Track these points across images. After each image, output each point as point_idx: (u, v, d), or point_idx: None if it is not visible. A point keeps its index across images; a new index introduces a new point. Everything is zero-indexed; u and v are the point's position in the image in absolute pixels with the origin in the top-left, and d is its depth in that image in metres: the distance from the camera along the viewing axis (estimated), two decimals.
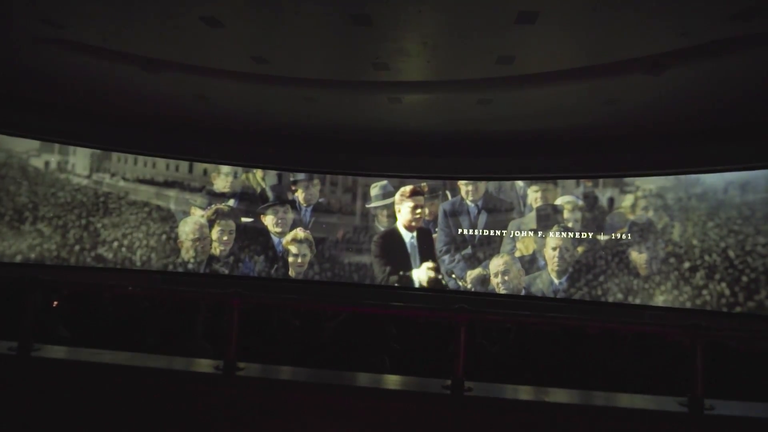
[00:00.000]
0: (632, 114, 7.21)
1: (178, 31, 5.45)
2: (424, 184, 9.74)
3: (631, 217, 8.58)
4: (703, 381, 2.02)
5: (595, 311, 8.35)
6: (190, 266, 9.53)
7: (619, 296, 8.38)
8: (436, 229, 9.64)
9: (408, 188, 9.68)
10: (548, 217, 9.10)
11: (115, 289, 3.34)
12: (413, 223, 9.60)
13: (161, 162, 9.81)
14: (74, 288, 3.30)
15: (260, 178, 10.05)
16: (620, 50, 5.39)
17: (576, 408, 2.12)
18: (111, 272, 9.09)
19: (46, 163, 9.30)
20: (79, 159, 9.49)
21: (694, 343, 2.05)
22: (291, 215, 9.97)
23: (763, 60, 5.26)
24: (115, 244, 9.34)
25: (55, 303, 3.16)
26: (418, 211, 9.59)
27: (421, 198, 9.63)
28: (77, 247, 9.06)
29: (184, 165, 9.92)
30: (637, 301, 8.24)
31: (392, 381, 2.33)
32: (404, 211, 9.62)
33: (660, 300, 8.04)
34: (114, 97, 7.83)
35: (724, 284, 7.52)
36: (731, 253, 7.52)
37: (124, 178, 9.71)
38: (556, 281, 8.83)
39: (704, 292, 7.70)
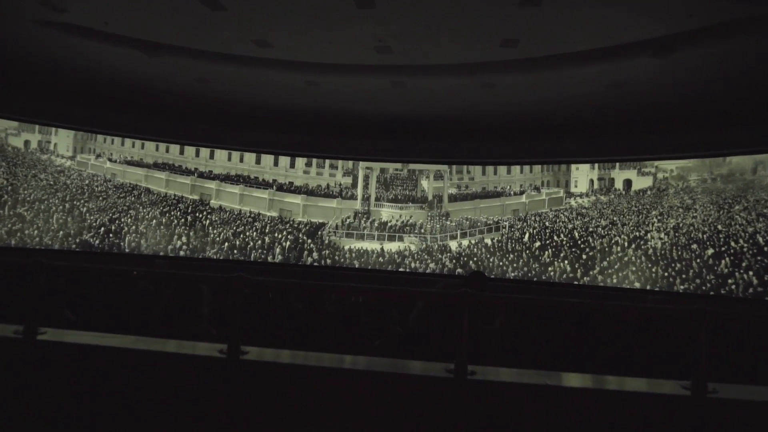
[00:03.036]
0: (642, 96, 7.28)
1: (179, 14, 5.63)
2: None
3: (650, 201, 8.67)
4: (707, 364, 2.19)
5: (609, 298, 8.50)
6: (181, 253, 9.74)
7: (637, 285, 8.51)
8: (441, 213, 9.83)
9: None
10: (560, 201, 9.26)
11: (119, 273, 3.56)
12: None
13: (150, 143, 9.98)
14: (80, 272, 3.51)
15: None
16: (627, 32, 5.52)
17: (579, 391, 2.30)
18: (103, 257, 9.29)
19: (26, 143, 9.46)
20: (62, 139, 9.66)
21: (698, 327, 2.22)
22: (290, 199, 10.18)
23: None
24: (102, 229, 9.55)
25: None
26: None
27: None
28: (61, 233, 9.26)
29: (174, 146, 10.08)
30: (656, 289, 8.36)
31: (396, 365, 2.51)
32: None
33: (681, 289, 8.16)
34: (114, 80, 7.98)
35: (751, 272, 7.58)
36: (760, 239, 7.59)
37: (110, 160, 9.91)
38: (568, 267, 9.00)
39: (729, 281, 7.77)
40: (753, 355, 2.84)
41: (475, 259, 9.58)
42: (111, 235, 9.53)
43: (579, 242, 8.99)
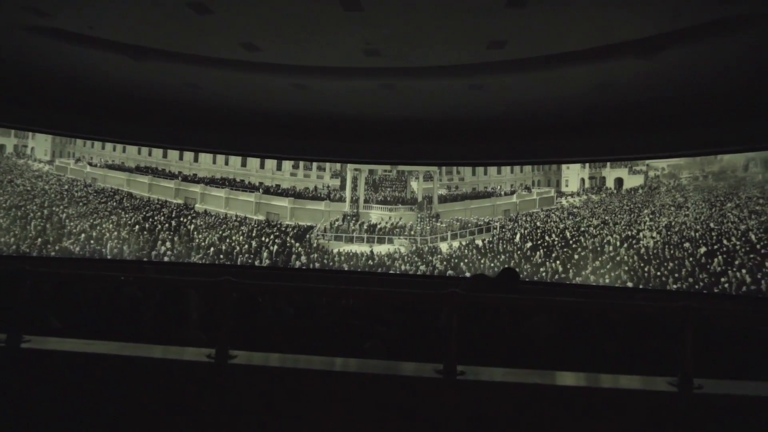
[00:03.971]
0: (631, 96, 7.41)
1: (166, 18, 5.67)
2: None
3: (642, 199, 8.79)
4: (693, 360, 2.27)
5: (600, 297, 8.59)
6: (165, 258, 9.71)
7: (629, 284, 8.61)
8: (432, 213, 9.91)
9: None
10: (551, 201, 9.37)
11: (107, 279, 3.58)
12: None
13: (131, 146, 9.95)
14: (66, 278, 3.52)
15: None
16: (613, 33, 5.67)
17: (567, 389, 2.37)
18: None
19: (1, 147, 9.40)
20: (39, 143, 9.60)
21: (684, 323, 2.30)
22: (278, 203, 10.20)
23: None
24: (83, 236, 9.49)
25: None
26: None
27: None
28: (39, 240, 9.19)
29: (157, 149, 10.05)
30: (649, 288, 8.46)
31: (385, 366, 2.56)
32: None
33: (674, 288, 8.26)
34: (101, 85, 7.98)
35: (744, 271, 7.69)
36: (753, 237, 7.71)
37: (90, 164, 9.85)
38: (560, 268, 9.10)
39: (722, 279, 7.89)
40: (740, 350, 2.93)
41: (465, 260, 9.66)
42: (92, 241, 9.47)
43: (571, 242, 9.09)
